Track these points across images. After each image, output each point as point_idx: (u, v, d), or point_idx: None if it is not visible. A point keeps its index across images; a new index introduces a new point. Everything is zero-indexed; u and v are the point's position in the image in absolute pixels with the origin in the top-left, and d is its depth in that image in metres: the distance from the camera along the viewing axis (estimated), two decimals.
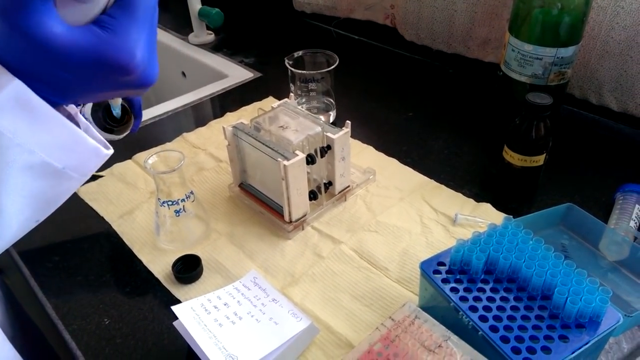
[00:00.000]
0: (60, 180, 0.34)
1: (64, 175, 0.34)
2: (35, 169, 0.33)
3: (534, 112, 0.63)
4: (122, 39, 0.31)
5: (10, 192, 0.32)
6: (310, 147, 0.64)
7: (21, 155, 0.31)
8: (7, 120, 0.30)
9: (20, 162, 0.32)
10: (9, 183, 0.32)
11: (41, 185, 0.34)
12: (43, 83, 0.31)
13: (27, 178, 0.33)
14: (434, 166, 0.76)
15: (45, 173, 0.33)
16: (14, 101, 0.30)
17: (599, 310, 0.45)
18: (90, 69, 0.31)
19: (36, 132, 0.32)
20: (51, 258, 0.63)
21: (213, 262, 0.61)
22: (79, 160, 0.35)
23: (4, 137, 0.30)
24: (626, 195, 0.65)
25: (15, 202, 0.33)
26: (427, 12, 0.97)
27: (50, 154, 0.33)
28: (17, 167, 0.32)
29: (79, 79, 0.31)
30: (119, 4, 0.32)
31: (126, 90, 0.34)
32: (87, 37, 0.30)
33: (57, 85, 0.31)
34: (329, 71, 0.81)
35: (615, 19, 0.74)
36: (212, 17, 1.12)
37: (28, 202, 0.34)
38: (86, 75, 0.31)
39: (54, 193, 0.35)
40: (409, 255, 0.61)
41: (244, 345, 0.48)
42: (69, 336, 0.54)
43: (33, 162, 0.32)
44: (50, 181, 0.34)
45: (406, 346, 0.45)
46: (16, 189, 0.33)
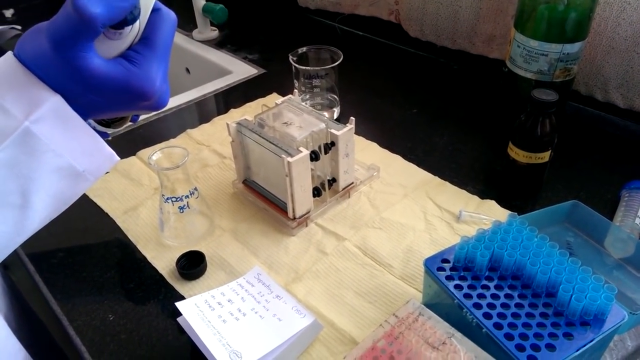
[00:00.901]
0: (78, 182, 0.40)
1: (82, 178, 0.40)
2: (62, 171, 0.38)
3: (540, 108, 0.63)
4: (145, 71, 0.38)
5: (39, 191, 0.38)
6: (314, 144, 0.63)
7: (53, 159, 0.37)
8: (45, 128, 0.36)
9: (51, 165, 0.37)
10: (40, 183, 0.37)
11: (63, 186, 0.39)
12: (77, 103, 0.37)
13: (54, 179, 0.38)
14: (439, 163, 0.75)
15: (68, 175, 0.39)
16: (53, 113, 0.36)
17: (604, 308, 0.44)
18: (118, 94, 0.37)
19: (67, 139, 0.38)
20: (56, 254, 0.63)
21: (217, 258, 0.61)
22: (96, 164, 0.41)
23: (42, 143, 0.36)
24: (632, 192, 0.64)
25: (42, 200, 0.38)
26: (432, 8, 0.96)
27: (75, 158, 0.39)
28: (48, 169, 0.37)
29: (107, 102, 0.38)
30: (143, 42, 0.39)
31: (141, 111, 0.41)
32: (118, 69, 0.37)
33: (88, 105, 0.38)
34: (333, 67, 0.80)
35: (621, 14, 0.73)
36: (216, 13, 1.12)
37: (51, 200, 0.39)
38: (113, 100, 0.38)
39: (71, 193, 0.41)
40: (413, 252, 0.61)
41: (247, 341, 0.48)
42: (73, 332, 0.54)
43: (61, 165, 0.38)
44: (71, 182, 0.40)
45: (410, 343, 0.45)
46: (45, 188, 0.38)
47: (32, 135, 0.36)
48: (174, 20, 0.40)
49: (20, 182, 0.36)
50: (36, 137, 0.36)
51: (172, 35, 0.40)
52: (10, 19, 1.32)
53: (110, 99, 0.38)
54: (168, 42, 0.39)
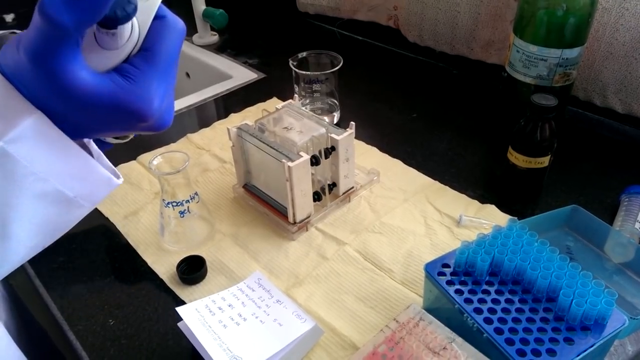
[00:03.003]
0: (70, 209, 0.36)
1: (75, 204, 0.35)
2: (48, 197, 0.34)
3: (539, 113, 0.63)
4: (142, 89, 0.32)
5: (21, 219, 0.33)
6: (314, 148, 0.64)
7: (35, 183, 0.32)
8: (24, 149, 0.31)
9: (34, 190, 0.33)
10: (21, 210, 0.33)
11: (52, 213, 0.35)
12: (63, 122, 0.32)
13: (39, 206, 0.34)
14: (438, 167, 0.76)
15: (56, 201, 0.34)
16: (33, 131, 0.31)
17: (605, 313, 0.44)
18: (108, 114, 0.32)
19: (52, 162, 0.33)
20: (56, 259, 0.63)
21: (217, 263, 0.61)
22: (90, 189, 0.36)
23: (20, 165, 0.31)
24: (631, 197, 0.65)
25: (25, 229, 0.34)
26: (430, 14, 0.97)
27: (63, 182, 0.34)
28: (30, 195, 0.33)
29: (97, 122, 0.33)
30: (143, 55, 0.33)
31: (141, 132, 0.36)
32: (108, 85, 0.31)
33: (76, 125, 0.33)
34: (333, 72, 0.81)
35: (619, 20, 0.74)
36: (216, 18, 1.13)
37: (38, 229, 0.35)
38: (104, 119, 0.33)
39: (63, 220, 0.36)
40: (413, 257, 0.61)
41: (248, 346, 0.48)
42: (73, 337, 0.54)
43: (46, 190, 0.33)
44: (61, 209, 0.35)
45: (411, 348, 0.45)
46: (27, 216, 0.33)
47: (9, 157, 0.31)
48: (181, 30, 0.34)
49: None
50: (13, 158, 0.31)
51: (178, 47, 0.34)
52: (10, 23, 1.33)
53: (100, 120, 0.33)
54: (173, 54, 0.34)
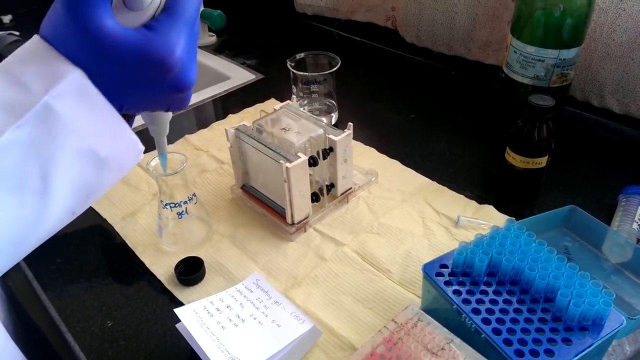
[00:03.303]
0: (101, 170, 0.37)
1: (105, 166, 0.37)
2: (83, 156, 0.35)
3: (537, 114, 0.63)
4: (164, 37, 0.35)
5: (60, 176, 0.34)
6: (312, 149, 0.64)
7: (74, 140, 0.34)
8: (66, 105, 0.33)
9: (72, 147, 0.34)
10: (60, 166, 0.34)
11: (86, 173, 0.36)
12: (97, 79, 0.34)
13: (75, 164, 0.35)
14: (436, 168, 0.76)
15: (90, 161, 0.36)
16: (74, 88, 0.33)
17: (602, 313, 0.44)
18: (135, 63, 0.34)
19: (89, 120, 0.35)
20: (54, 260, 0.63)
21: (215, 264, 0.61)
22: (119, 151, 0.37)
23: (62, 121, 0.33)
24: (629, 197, 0.65)
25: (63, 187, 0.35)
26: (428, 14, 0.97)
27: (97, 142, 0.35)
28: (69, 152, 0.34)
29: (127, 75, 0.35)
30: (165, 12, 0.36)
31: (166, 94, 0.37)
32: (134, 34, 0.34)
33: (107, 78, 0.35)
34: (330, 73, 0.81)
35: (616, 21, 0.74)
36: (214, 19, 1.12)
37: (73, 189, 0.36)
38: (133, 71, 0.35)
39: (94, 183, 0.37)
40: (411, 258, 0.61)
41: (246, 347, 0.48)
42: (72, 338, 0.54)
43: (83, 148, 0.35)
44: (93, 170, 0.36)
45: (409, 349, 0.45)
46: (66, 174, 0.35)
47: (52, 112, 0.33)
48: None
49: (41, 163, 0.33)
50: (56, 113, 0.33)
51: (196, 6, 0.37)
52: (8, 24, 1.32)
53: (129, 70, 0.35)
54: (192, 12, 0.36)
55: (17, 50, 0.34)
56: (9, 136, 0.32)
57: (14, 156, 0.33)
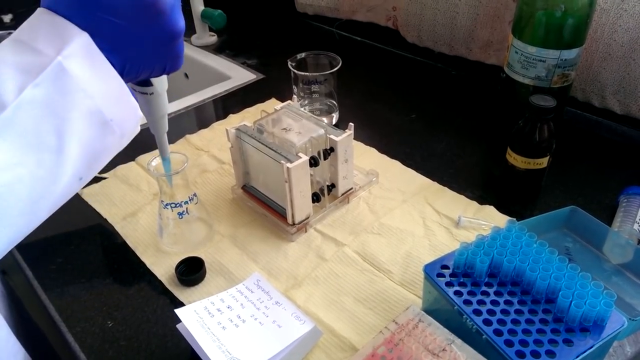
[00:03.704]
0: (106, 133, 0.38)
1: (109, 128, 0.38)
2: (92, 116, 0.37)
3: (538, 114, 0.63)
4: None
5: (73, 135, 0.36)
6: (313, 150, 0.64)
7: (84, 100, 0.36)
8: (76, 66, 0.35)
9: (82, 107, 0.36)
10: (72, 125, 0.36)
11: (92, 135, 0.37)
12: (96, 35, 0.36)
13: (85, 123, 0.36)
14: (437, 168, 0.76)
15: (97, 122, 0.37)
16: (83, 50, 0.35)
17: (604, 314, 0.44)
18: (129, 8, 0.36)
19: (96, 81, 0.36)
20: (54, 260, 0.63)
21: (216, 264, 0.61)
22: (122, 114, 0.39)
23: (73, 81, 0.35)
24: (630, 197, 0.65)
25: (75, 146, 0.36)
26: (429, 14, 0.97)
27: (104, 103, 0.37)
28: (80, 111, 0.36)
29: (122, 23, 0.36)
30: None
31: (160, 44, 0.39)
32: None
33: (106, 37, 0.36)
34: (331, 73, 0.81)
35: (618, 21, 0.74)
36: (214, 18, 1.12)
37: (83, 149, 0.37)
38: (127, 18, 0.36)
39: (100, 147, 0.38)
40: (412, 258, 0.61)
41: (247, 348, 0.48)
42: (72, 338, 0.54)
43: (91, 108, 0.36)
44: (99, 132, 0.38)
45: (410, 350, 0.45)
46: (77, 133, 0.36)
47: (65, 72, 0.35)
48: None
49: (56, 122, 0.35)
50: (68, 73, 0.35)
51: None
52: (8, 24, 1.32)
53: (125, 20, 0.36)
54: None
55: (23, 24, 0.36)
56: (27, 93, 0.33)
57: (33, 114, 0.34)
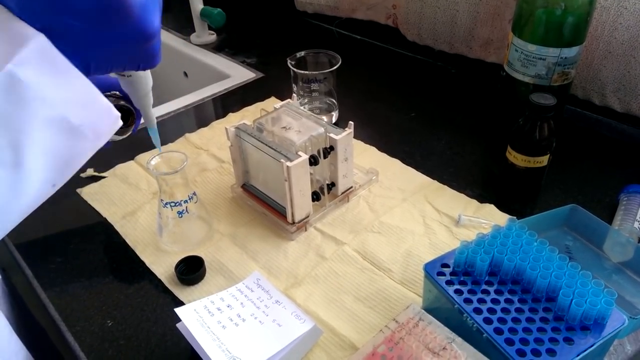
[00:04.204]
0: (76, 139, 0.35)
1: (80, 134, 0.35)
2: (55, 124, 0.34)
3: (538, 112, 0.63)
4: None
5: (32, 146, 0.33)
6: (313, 148, 0.63)
7: (43, 108, 0.32)
8: (31, 73, 0.31)
9: (42, 116, 0.33)
10: (31, 136, 0.32)
11: (59, 143, 0.34)
12: (54, 38, 0.32)
13: (47, 133, 0.33)
14: (437, 167, 0.76)
15: (63, 129, 0.34)
16: (39, 54, 0.32)
17: (604, 313, 0.44)
18: (92, 8, 0.32)
19: (57, 86, 0.33)
20: (54, 259, 0.63)
21: (216, 263, 0.61)
22: (93, 118, 0.36)
23: (29, 89, 0.31)
24: (630, 196, 0.65)
25: (37, 158, 0.33)
26: (429, 12, 0.96)
27: (68, 109, 0.34)
28: (39, 121, 0.33)
29: (84, 24, 0.33)
30: None
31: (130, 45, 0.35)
32: None
33: (67, 37, 0.33)
34: (331, 71, 0.80)
35: (618, 19, 0.74)
36: (214, 17, 1.12)
37: (47, 160, 0.34)
38: (90, 18, 0.33)
39: (71, 153, 0.36)
40: (412, 257, 0.61)
41: (247, 347, 0.48)
42: (71, 337, 0.54)
43: (53, 116, 0.33)
44: (68, 139, 0.35)
45: (410, 348, 0.45)
46: (38, 144, 0.33)
47: (18, 80, 0.31)
48: None
49: (10, 135, 0.32)
50: (22, 82, 0.31)
51: None
52: None
53: (87, 20, 0.33)
54: None
55: None
56: None
57: None
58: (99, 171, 0.76)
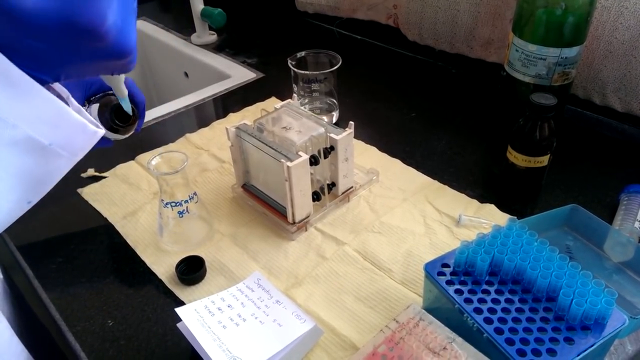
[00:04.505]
0: (48, 158, 0.34)
1: (52, 153, 0.34)
2: (21, 145, 0.32)
3: (538, 112, 0.63)
4: (92, 1, 0.29)
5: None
6: (313, 148, 0.63)
7: (5, 130, 0.31)
8: None
9: (5, 138, 0.31)
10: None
11: (28, 163, 0.33)
12: (16, 55, 0.30)
13: (12, 154, 0.32)
14: (437, 167, 0.76)
15: (31, 149, 0.33)
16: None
17: (605, 312, 0.44)
18: (58, 34, 0.29)
19: (19, 106, 0.31)
20: (54, 259, 0.63)
21: (216, 263, 0.61)
22: (65, 136, 0.34)
23: None
24: (631, 196, 0.65)
25: (5, 180, 0.32)
26: (430, 12, 0.96)
27: (34, 128, 0.32)
28: (2, 143, 0.31)
29: (50, 47, 0.30)
30: None
31: (104, 62, 0.33)
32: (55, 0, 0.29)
33: (30, 56, 0.30)
34: (331, 71, 0.80)
35: (619, 19, 0.74)
36: (214, 17, 1.12)
37: (16, 181, 0.33)
38: (56, 42, 0.30)
39: (44, 171, 0.34)
40: (412, 257, 0.61)
41: (247, 347, 0.48)
42: (72, 337, 0.54)
43: (17, 137, 0.31)
44: (38, 158, 0.33)
45: (411, 348, 0.45)
46: (2, 166, 0.32)
47: None
48: None
49: None
50: None
51: None
52: None
53: (51, 43, 0.30)
54: None
55: None
56: None
57: None
58: (100, 171, 0.76)
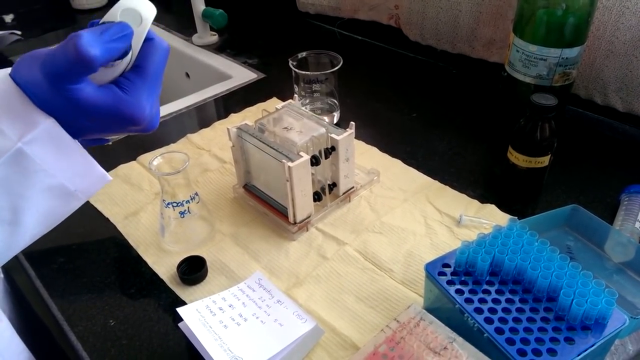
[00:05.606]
0: (69, 201, 0.42)
1: (74, 197, 0.42)
2: (54, 190, 0.40)
3: (539, 113, 0.63)
4: (135, 98, 0.39)
5: (30, 209, 0.39)
6: (314, 149, 0.64)
7: (45, 178, 0.39)
8: (38, 150, 0.38)
9: (43, 184, 0.39)
10: (30, 201, 0.39)
11: (55, 204, 0.41)
12: (70, 126, 0.39)
13: (45, 197, 0.39)
14: (438, 167, 0.76)
15: (60, 194, 0.40)
16: (47, 135, 0.38)
17: (605, 312, 0.44)
18: (109, 119, 0.39)
19: (59, 160, 0.39)
20: (56, 259, 0.63)
21: (218, 263, 0.61)
22: (87, 184, 0.42)
23: (34, 163, 0.38)
24: (631, 196, 0.65)
25: (32, 218, 0.40)
26: (432, 13, 0.96)
27: (67, 178, 0.40)
28: (40, 188, 0.39)
29: (99, 126, 0.40)
30: (136, 71, 0.40)
31: (133, 133, 0.43)
32: (108, 96, 0.38)
33: (80, 128, 0.40)
34: (332, 72, 0.81)
35: (620, 19, 0.74)
36: (215, 18, 1.12)
37: (42, 218, 0.40)
38: (105, 124, 0.40)
39: (62, 211, 0.42)
40: (413, 257, 0.61)
41: (249, 347, 0.48)
42: (74, 337, 0.54)
43: (53, 184, 0.39)
44: (63, 201, 0.41)
45: (411, 348, 0.45)
46: (35, 206, 0.39)
47: (25, 156, 0.37)
48: (166, 49, 0.42)
49: (12, 199, 0.38)
50: (29, 157, 0.37)
51: (163, 64, 0.42)
52: (10, 24, 1.32)
53: (102, 124, 0.39)
54: (159, 70, 0.41)
55: None
56: None
57: None
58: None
